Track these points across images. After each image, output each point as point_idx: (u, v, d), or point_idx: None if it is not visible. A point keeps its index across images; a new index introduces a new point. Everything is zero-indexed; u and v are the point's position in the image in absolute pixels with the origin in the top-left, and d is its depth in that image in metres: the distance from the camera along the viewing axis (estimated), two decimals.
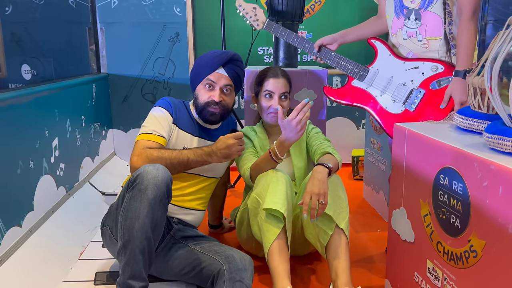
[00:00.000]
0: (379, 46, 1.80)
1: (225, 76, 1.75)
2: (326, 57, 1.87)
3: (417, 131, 1.37)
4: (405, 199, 1.44)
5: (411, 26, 1.70)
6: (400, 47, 1.78)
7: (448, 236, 1.20)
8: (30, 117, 1.87)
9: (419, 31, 1.69)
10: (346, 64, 1.83)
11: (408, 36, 1.72)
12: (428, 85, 1.70)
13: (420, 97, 1.71)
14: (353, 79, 1.83)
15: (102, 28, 3.04)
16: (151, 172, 1.44)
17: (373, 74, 1.78)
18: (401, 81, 1.74)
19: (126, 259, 1.39)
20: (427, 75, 1.70)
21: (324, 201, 1.51)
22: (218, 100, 1.73)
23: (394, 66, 1.76)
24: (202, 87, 1.76)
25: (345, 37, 1.91)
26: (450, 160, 1.18)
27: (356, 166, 3.07)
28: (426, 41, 1.69)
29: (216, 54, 1.79)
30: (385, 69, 1.77)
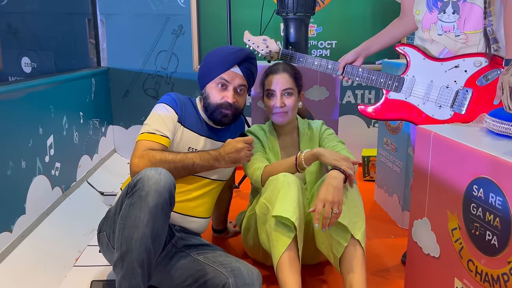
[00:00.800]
0: (410, 52, 1.65)
1: (240, 76, 1.62)
2: (353, 75, 1.71)
3: (444, 135, 1.24)
4: (429, 209, 1.31)
5: (448, 20, 1.56)
6: (433, 44, 1.63)
7: (482, 255, 1.07)
8: (22, 114, 1.74)
9: (457, 25, 1.55)
10: (377, 78, 1.68)
11: (444, 31, 1.58)
12: (474, 83, 1.56)
13: (468, 97, 1.57)
14: (389, 92, 1.68)
15: (102, 19, 2.91)
16: (153, 177, 1.31)
17: (410, 83, 1.64)
18: (443, 84, 1.60)
19: (123, 272, 1.27)
20: (471, 72, 1.56)
21: (338, 210, 1.38)
22: (232, 102, 1.60)
23: (432, 69, 1.61)
24: (214, 86, 1.62)
25: (369, 49, 1.75)
26: (485, 169, 1.04)
27: (366, 167, 2.94)
28: (464, 36, 1.55)
29: (232, 51, 1.65)
30: (422, 74, 1.63)
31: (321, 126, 1.82)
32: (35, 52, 2.90)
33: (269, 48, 1.79)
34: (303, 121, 1.84)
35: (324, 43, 3.06)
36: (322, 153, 1.50)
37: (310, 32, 3.01)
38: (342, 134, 3.08)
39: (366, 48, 1.74)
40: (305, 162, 1.53)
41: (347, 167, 1.44)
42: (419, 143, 1.36)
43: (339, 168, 1.45)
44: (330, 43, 3.06)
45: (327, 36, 3.05)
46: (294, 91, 1.72)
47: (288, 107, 1.70)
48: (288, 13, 2.09)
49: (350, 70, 1.71)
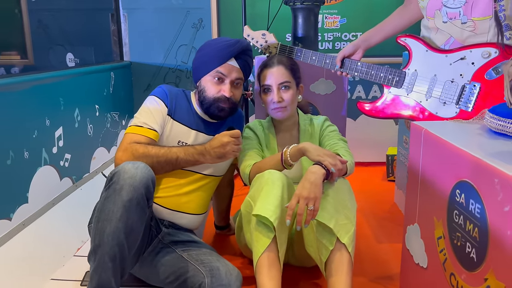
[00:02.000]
0: (411, 43, 1.52)
1: (236, 69, 1.57)
2: (352, 70, 1.61)
3: (435, 132, 1.11)
4: (420, 215, 1.19)
5: (453, 5, 1.41)
6: (438, 33, 1.48)
7: (462, 269, 0.94)
8: (25, 106, 1.78)
9: (463, 11, 1.40)
10: (377, 73, 1.56)
11: (448, 18, 1.43)
12: (482, 76, 1.41)
13: (475, 92, 1.42)
14: (389, 87, 1.56)
15: (125, 14, 2.95)
16: (129, 171, 1.29)
17: (412, 77, 1.51)
18: (448, 78, 1.45)
19: (95, 266, 1.26)
20: (479, 65, 1.41)
21: (313, 207, 1.29)
22: (229, 96, 1.55)
23: (435, 62, 1.47)
24: (210, 79, 1.58)
25: (368, 41, 1.64)
26: (467, 173, 0.92)
27: (390, 166, 2.78)
28: (472, 23, 1.40)
29: (229, 43, 1.59)
30: (424, 68, 1.49)
31: (323, 122, 1.72)
32: (63, 47, 2.99)
33: (268, 42, 1.71)
34: (305, 117, 1.74)
35: (349, 35, 2.91)
36: (307, 149, 1.41)
37: (333, 24, 2.88)
38: (367, 131, 2.96)
39: (366, 39, 1.61)
40: (291, 158, 1.45)
41: (330, 163, 1.34)
42: (413, 140, 1.24)
43: (321, 164, 1.35)
44: (355, 35, 2.91)
45: (351, 27, 2.90)
46: (291, 84, 1.62)
47: (287, 102, 1.62)
48: (296, 3, 1.99)
49: (349, 64, 1.60)
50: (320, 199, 1.31)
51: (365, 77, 1.57)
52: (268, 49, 1.74)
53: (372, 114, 1.58)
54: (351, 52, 1.61)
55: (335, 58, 1.62)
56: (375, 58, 2.85)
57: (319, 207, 1.31)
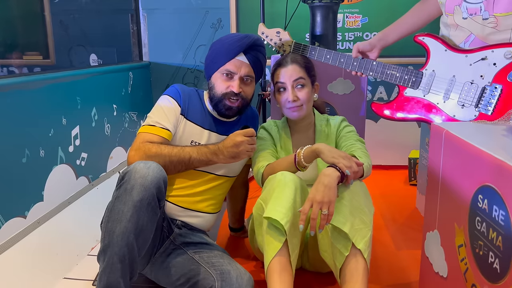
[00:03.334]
0: (430, 43, 1.45)
1: (246, 64, 1.53)
2: (367, 69, 1.54)
3: (456, 134, 1.04)
4: (440, 221, 1.13)
5: (473, 0, 1.34)
6: (457, 29, 1.41)
7: (485, 280, 0.88)
8: (42, 104, 1.80)
9: (485, 7, 1.33)
10: (393, 73, 1.50)
11: (469, 14, 1.36)
12: (505, 78, 1.33)
13: (497, 94, 1.34)
14: (405, 88, 1.50)
15: (144, 14, 2.96)
16: (140, 170, 1.27)
17: (429, 78, 1.45)
18: (467, 79, 1.38)
19: (104, 266, 1.25)
20: (501, 65, 1.33)
21: (327, 211, 1.24)
22: (238, 91, 1.51)
23: (455, 62, 1.40)
24: (220, 76, 1.55)
25: (385, 39, 1.58)
26: (490, 177, 0.85)
27: (413, 170, 2.69)
28: (494, 19, 1.32)
29: (237, 38, 1.56)
30: (443, 68, 1.42)
31: (340, 123, 1.66)
32: (83, 47, 3.03)
33: (282, 40, 1.67)
34: (321, 117, 1.69)
35: (370, 34, 2.84)
36: (321, 150, 1.36)
37: (355, 23, 2.82)
38: (389, 133, 2.87)
39: (382, 38, 1.55)
40: (305, 159, 1.40)
41: (345, 165, 1.28)
42: (433, 142, 1.18)
43: (335, 166, 1.30)
44: (375, 34, 2.83)
45: (373, 27, 2.82)
46: (306, 81, 1.57)
47: (302, 100, 1.57)
48: (314, 1, 1.94)
49: (364, 64, 1.54)
50: (334, 203, 1.26)
51: (381, 77, 1.51)
52: (282, 47, 1.70)
53: (386, 116, 1.52)
54: (365, 48, 1.55)
55: (351, 57, 1.56)
56: (395, 58, 2.77)
57: (333, 211, 1.26)
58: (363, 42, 1.55)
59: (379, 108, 1.53)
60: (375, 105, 1.55)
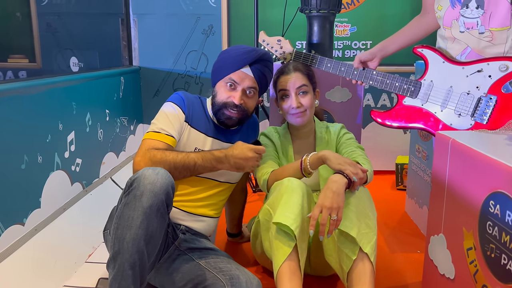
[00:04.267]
0: (428, 54, 1.52)
1: (250, 77, 1.56)
2: (367, 78, 1.60)
3: (464, 143, 1.10)
4: (446, 225, 1.18)
5: (471, 15, 1.41)
6: (455, 42, 1.49)
7: (497, 281, 0.93)
8: (40, 109, 1.77)
9: (481, 21, 1.40)
10: (392, 82, 1.56)
11: (466, 28, 1.43)
12: (499, 89, 1.41)
13: (491, 105, 1.42)
14: (403, 97, 1.56)
15: (135, 19, 2.95)
16: (149, 177, 1.27)
17: (427, 88, 1.51)
18: (464, 90, 1.45)
19: (114, 274, 1.24)
20: (496, 78, 1.41)
21: (336, 217, 1.28)
22: (238, 103, 1.54)
23: (452, 73, 1.47)
24: (223, 85, 1.57)
25: (385, 49, 1.63)
26: (503, 184, 0.91)
27: (400, 175, 2.77)
28: (489, 33, 1.40)
29: (244, 50, 1.59)
30: (440, 79, 1.49)
31: (339, 130, 1.71)
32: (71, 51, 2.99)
33: (283, 49, 1.71)
34: (321, 124, 1.74)
35: (359, 43, 2.92)
36: (327, 157, 1.40)
37: (343, 32, 2.89)
38: (376, 139, 2.95)
39: (382, 48, 1.61)
40: (311, 166, 1.44)
41: (351, 172, 1.33)
42: (438, 150, 1.23)
43: (342, 173, 1.34)
44: (365, 43, 2.92)
45: (361, 36, 2.91)
46: (309, 88, 1.62)
47: (306, 106, 1.61)
48: (311, 11, 1.99)
49: (364, 73, 1.60)
50: (342, 209, 1.30)
51: (380, 86, 1.56)
52: (283, 55, 1.73)
53: (385, 124, 1.58)
54: (367, 58, 1.61)
55: (351, 66, 1.61)
56: (386, 66, 2.86)
57: (342, 217, 1.30)
58: (365, 53, 1.61)
59: (379, 116, 1.59)
60: (375, 113, 1.61)
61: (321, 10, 1.97)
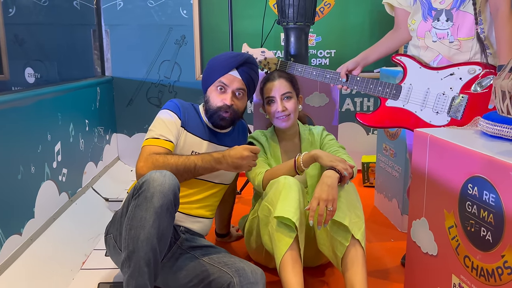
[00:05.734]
0: (406, 61, 1.72)
1: (238, 79, 1.68)
2: (352, 84, 1.77)
3: (441, 137, 1.29)
4: (427, 209, 1.36)
5: (442, 27, 1.63)
6: (427, 50, 1.70)
7: (477, 251, 1.11)
8: (33, 120, 1.80)
9: (451, 32, 1.63)
10: (375, 87, 1.73)
11: (438, 38, 1.65)
12: (469, 89, 1.63)
13: (464, 103, 1.63)
14: (386, 100, 1.74)
15: (107, 30, 2.98)
16: (158, 179, 1.36)
17: (407, 90, 1.70)
18: (439, 91, 1.66)
19: (131, 272, 1.31)
20: (466, 79, 1.62)
21: (332, 208, 1.43)
22: (230, 104, 1.66)
23: (428, 77, 1.67)
24: (214, 89, 1.69)
25: (367, 58, 1.82)
26: (480, 169, 1.10)
27: (366, 173, 2.99)
28: (458, 42, 1.63)
29: (231, 55, 1.72)
30: (419, 82, 1.69)
31: (322, 132, 1.88)
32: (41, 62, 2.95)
33: (267, 60, 1.85)
34: (304, 127, 1.89)
35: (324, 52, 3.13)
36: (319, 155, 1.56)
37: (309, 42, 3.08)
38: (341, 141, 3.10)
39: (364, 57, 1.80)
40: (304, 164, 1.58)
41: (342, 168, 1.49)
42: (417, 146, 1.42)
43: (334, 168, 1.50)
44: (329, 52, 3.13)
45: (326, 45, 3.12)
46: (292, 94, 1.77)
47: (290, 110, 1.76)
48: (289, 23, 2.15)
49: (349, 79, 1.77)
50: (337, 200, 1.45)
51: (365, 90, 1.74)
52: (268, 65, 1.87)
53: (370, 124, 1.76)
54: (353, 67, 1.78)
55: (336, 74, 1.78)
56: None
57: (336, 207, 1.45)
58: (349, 62, 1.79)
59: (364, 118, 1.76)
60: (360, 115, 1.78)
61: (297, 22, 2.13)
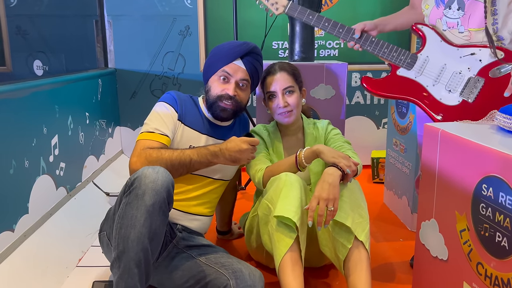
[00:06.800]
0: (427, 32, 1.59)
1: (242, 69, 1.59)
2: (366, 43, 1.63)
3: (453, 133, 1.19)
4: (437, 210, 1.26)
5: (452, 16, 1.51)
6: None
7: (492, 257, 1.02)
8: (26, 113, 1.74)
9: (461, 22, 1.51)
10: (390, 51, 1.60)
11: (448, 27, 1.54)
12: (487, 73, 1.51)
13: (479, 86, 1.51)
14: (398, 68, 1.60)
15: (109, 21, 2.91)
16: (150, 175, 1.28)
17: (423, 62, 1.57)
18: (456, 69, 1.54)
19: (120, 273, 1.25)
20: (486, 62, 1.51)
21: (333, 208, 1.34)
22: (232, 94, 1.57)
23: (447, 53, 1.55)
24: (216, 79, 1.60)
25: (385, 25, 1.70)
26: (495, 168, 0.99)
27: (376, 169, 2.88)
28: (468, 33, 1.51)
29: (236, 44, 1.63)
30: (436, 56, 1.56)
31: (327, 126, 1.78)
32: (44, 54, 2.91)
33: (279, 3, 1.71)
34: (308, 121, 1.80)
35: (332, 43, 3.02)
36: (321, 150, 1.46)
37: (318, 32, 2.98)
38: (350, 135, 3.05)
39: (383, 23, 1.67)
40: (305, 160, 1.49)
41: (345, 165, 1.39)
42: (427, 141, 1.32)
43: (336, 165, 1.41)
44: (338, 43, 3.02)
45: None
46: (295, 88, 1.67)
47: (292, 105, 1.66)
48: None
49: (364, 37, 1.63)
50: (338, 200, 1.36)
51: (378, 53, 1.60)
52: (276, 5, 1.71)
53: (377, 91, 1.62)
54: (370, 27, 1.65)
55: (350, 29, 1.65)
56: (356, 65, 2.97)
57: (338, 207, 1.36)
58: (369, 21, 1.66)
59: (371, 84, 1.64)
60: (367, 80, 1.65)
61: None
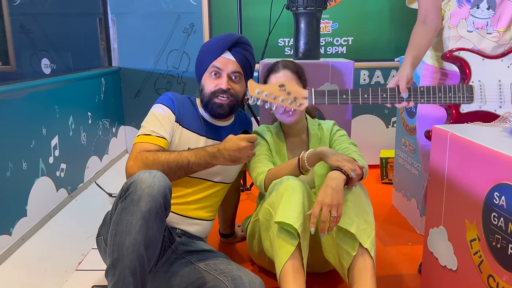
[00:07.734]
0: (467, 56, 1.44)
1: (232, 61, 1.55)
2: (417, 98, 1.40)
3: (463, 136, 1.12)
4: (446, 218, 1.20)
5: (481, 15, 1.42)
6: (459, 41, 1.48)
7: (504, 271, 0.95)
8: (23, 114, 1.70)
9: (491, 22, 1.42)
10: (445, 94, 1.40)
11: (475, 28, 1.44)
12: None
13: None
14: (459, 106, 1.43)
15: (113, 19, 2.87)
16: (146, 180, 1.24)
17: (479, 89, 1.42)
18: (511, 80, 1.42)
19: (115, 281, 1.20)
20: None
21: (336, 214, 1.28)
22: (226, 88, 1.52)
23: (494, 68, 1.42)
24: (208, 76, 1.56)
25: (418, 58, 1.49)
26: (508, 175, 0.93)
27: (384, 169, 2.81)
28: (497, 33, 1.42)
29: (221, 37, 1.59)
30: (487, 77, 1.43)
31: (332, 127, 1.72)
32: (47, 52, 2.88)
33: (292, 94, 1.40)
34: (313, 121, 1.74)
35: (340, 39, 2.94)
36: (325, 153, 1.40)
37: (325, 29, 2.91)
38: (359, 134, 2.98)
39: (416, 58, 1.47)
40: (308, 163, 1.43)
41: (350, 169, 1.33)
42: (435, 144, 1.25)
43: (340, 169, 1.34)
44: (347, 39, 2.94)
45: (343, 32, 2.93)
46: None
47: None
48: (298, 8, 1.98)
49: (412, 91, 1.41)
50: (342, 205, 1.30)
51: (433, 101, 1.41)
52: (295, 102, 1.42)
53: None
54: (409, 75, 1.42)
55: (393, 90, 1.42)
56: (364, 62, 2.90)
57: (341, 213, 1.30)
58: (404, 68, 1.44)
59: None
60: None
61: (308, 7, 1.96)
